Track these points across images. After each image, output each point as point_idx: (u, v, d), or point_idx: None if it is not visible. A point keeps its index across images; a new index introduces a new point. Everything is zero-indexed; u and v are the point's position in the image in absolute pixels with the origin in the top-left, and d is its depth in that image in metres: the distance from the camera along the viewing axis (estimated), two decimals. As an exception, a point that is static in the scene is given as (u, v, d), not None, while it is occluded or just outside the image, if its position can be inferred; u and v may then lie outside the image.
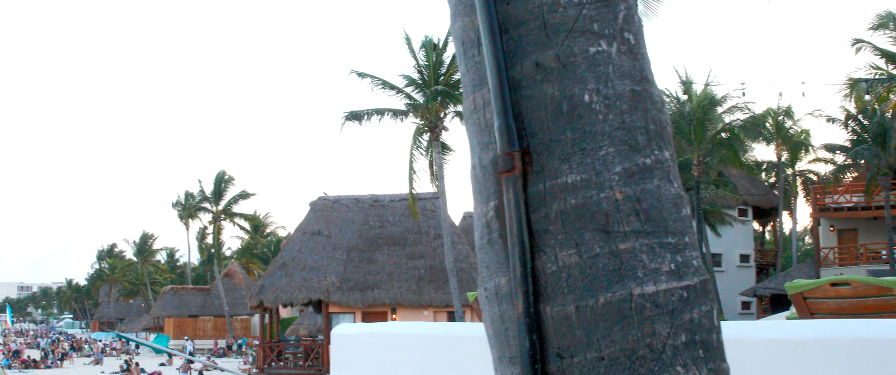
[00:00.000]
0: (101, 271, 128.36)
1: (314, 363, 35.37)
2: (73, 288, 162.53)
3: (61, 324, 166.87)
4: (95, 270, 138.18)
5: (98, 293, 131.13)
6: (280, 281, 35.77)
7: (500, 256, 2.46)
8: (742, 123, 42.22)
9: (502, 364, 2.47)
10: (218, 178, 69.11)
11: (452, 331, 6.01)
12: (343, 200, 39.90)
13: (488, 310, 2.52)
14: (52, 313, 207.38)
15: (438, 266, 35.30)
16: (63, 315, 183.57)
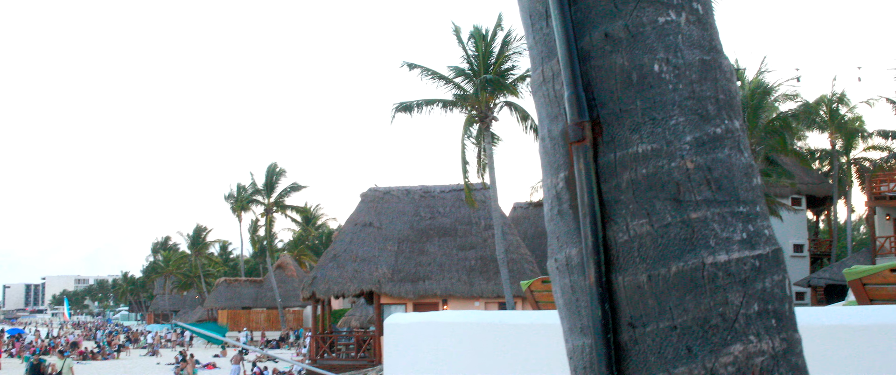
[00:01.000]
0: (156, 264, 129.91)
1: (366, 353, 35.52)
2: (129, 280, 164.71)
3: (117, 316, 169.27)
4: (150, 263, 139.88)
5: (153, 285, 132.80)
6: (332, 273, 35.96)
7: (570, 227, 2.47)
8: (794, 112, 41.69)
9: (574, 335, 2.47)
10: (270, 171, 69.62)
11: (505, 319, 5.99)
12: (394, 191, 40.01)
13: (559, 281, 2.53)
14: (108, 305, 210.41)
15: (489, 256, 35.30)
16: (119, 308, 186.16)
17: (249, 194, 72.21)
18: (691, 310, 2.25)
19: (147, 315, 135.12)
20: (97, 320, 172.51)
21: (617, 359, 2.31)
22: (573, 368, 2.50)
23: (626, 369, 2.30)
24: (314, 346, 37.46)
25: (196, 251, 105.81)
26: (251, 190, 71.85)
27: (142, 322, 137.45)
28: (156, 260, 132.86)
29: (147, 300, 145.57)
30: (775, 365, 2.25)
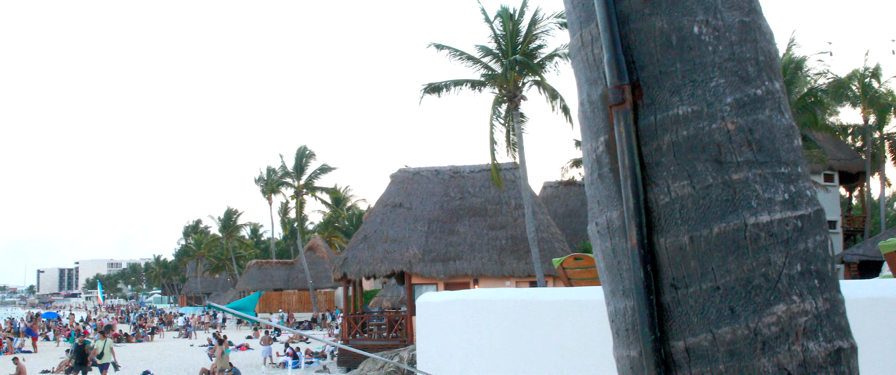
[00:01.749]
0: (188, 247, 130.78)
1: (398, 333, 35.63)
2: (161, 263, 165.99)
3: (150, 299, 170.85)
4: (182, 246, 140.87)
5: (185, 268, 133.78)
6: (363, 254, 36.05)
7: (611, 190, 2.47)
8: (826, 87, 41.29)
9: (615, 297, 2.48)
10: (299, 153, 69.79)
11: (537, 296, 5.99)
12: (423, 172, 40.02)
13: (600, 245, 2.54)
14: (141, 288, 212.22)
15: (520, 236, 35.25)
16: (152, 291, 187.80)
17: (279, 177, 72.44)
18: (734, 271, 2.26)
19: (179, 297, 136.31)
20: (130, 303, 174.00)
21: (659, 320, 2.32)
22: (615, 330, 2.51)
23: (668, 330, 2.31)
24: (346, 327, 37.61)
25: (227, 234, 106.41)
26: (281, 173, 72.06)
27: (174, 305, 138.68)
28: (187, 244, 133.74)
29: (179, 283, 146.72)
30: (818, 325, 2.25)
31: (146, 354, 45.80)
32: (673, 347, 2.31)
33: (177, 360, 43.14)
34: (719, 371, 2.25)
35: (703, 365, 2.27)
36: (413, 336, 34.01)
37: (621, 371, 2.52)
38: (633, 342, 2.39)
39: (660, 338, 2.31)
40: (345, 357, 35.20)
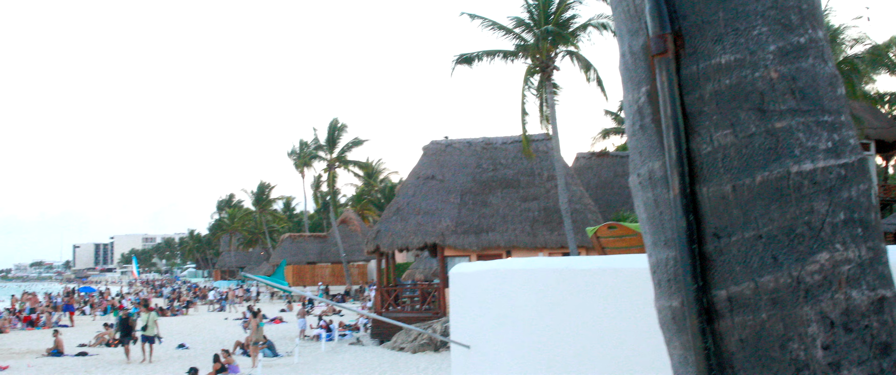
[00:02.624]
0: (221, 221, 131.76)
1: (431, 306, 35.78)
2: (195, 238, 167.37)
3: (185, 274, 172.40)
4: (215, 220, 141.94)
5: (219, 242, 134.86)
6: (395, 226, 36.17)
7: (652, 141, 2.47)
8: (862, 55, 40.74)
9: (657, 248, 2.49)
10: (331, 126, 69.97)
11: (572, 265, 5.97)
12: (455, 144, 40.00)
13: (642, 196, 2.54)
14: (175, 263, 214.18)
15: (552, 207, 35.20)
16: (186, 265, 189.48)
17: (312, 150, 72.69)
18: (777, 220, 2.25)
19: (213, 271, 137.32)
20: (165, 277, 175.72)
21: (702, 270, 2.32)
22: (657, 281, 2.52)
23: (711, 279, 2.32)
24: (379, 299, 37.83)
25: (260, 207, 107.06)
26: (313, 146, 72.30)
27: (209, 279, 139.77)
28: (221, 218, 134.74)
29: (213, 257, 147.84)
30: (861, 274, 2.24)
31: (181, 327, 46.31)
32: (715, 296, 2.31)
33: (211, 333, 43.59)
34: (762, 320, 2.25)
35: (746, 314, 2.27)
36: (446, 308, 34.14)
37: (663, 322, 2.53)
38: (675, 292, 2.40)
39: (702, 287, 2.32)
40: (378, 329, 35.41)
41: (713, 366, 2.30)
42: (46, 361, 32.32)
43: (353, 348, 33.73)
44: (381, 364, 28.08)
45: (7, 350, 36.71)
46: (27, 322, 50.91)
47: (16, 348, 37.66)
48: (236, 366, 26.88)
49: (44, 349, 35.41)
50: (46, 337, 39.37)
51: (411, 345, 31.08)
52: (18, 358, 33.21)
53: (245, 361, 29.53)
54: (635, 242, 13.13)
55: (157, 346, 32.29)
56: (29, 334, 46.23)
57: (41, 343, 38.61)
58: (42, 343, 37.95)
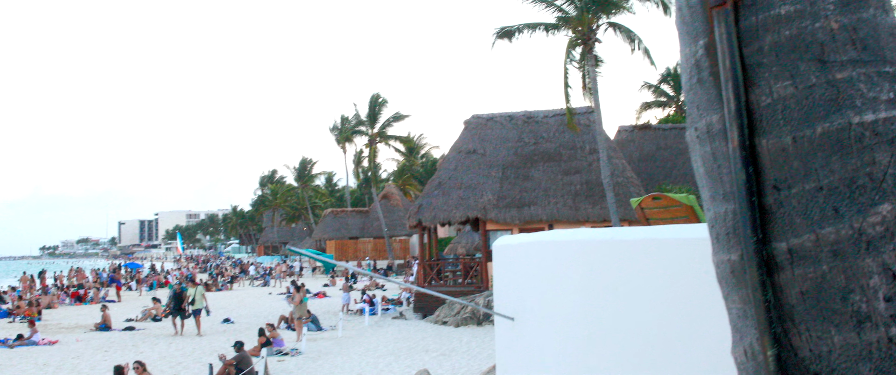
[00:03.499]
0: (264, 197, 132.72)
1: (473, 280, 35.83)
2: (238, 214, 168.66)
3: (228, 249, 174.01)
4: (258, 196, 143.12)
5: (262, 218, 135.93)
6: (437, 200, 36.21)
7: (710, 94, 2.46)
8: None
9: (716, 202, 2.48)
10: (372, 101, 70.03)
11: (617, 236, 5.94)
12: (497, 118, 39.92)
13: (700, 150, 2.53)
14: (219, 239, 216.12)
15: (594, 181, 35.07)
16: (230, 241, 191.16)
17: (353, 125, 72.84)
18: (838, 171, 2.24)
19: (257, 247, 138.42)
20: (209, 253, 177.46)
21: (761, 222, 2.31)
22: (715, 235, 2.51)
23: (770, 231, 2.31)
24: (422, 273, 37.95)
25: (302, 183, 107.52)
26: (354, 122, 72.44)
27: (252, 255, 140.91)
28: (264, 194, 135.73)
29: (256, 232, 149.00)
30: None
31: (226, 302, 46.76)
32: (775, 249, 2.30)
33: (256, 308, 43.98)
34: (823, 272, 2.24)
35: (806, 266, 2.26)
36: (488, 282, 34.20)
37: (721, 277, 2.53)
38: (734, 245, 2.39)
39: (762, 240, 2.31)
40: (421, 303, 35.55)
41: (773, 319, 2.29)
42: (94, 335, 32.82)
43: (396, 322, 33.90)
44: (425, 337, 28.21)
45: (56, 324, 37.31)
46: (75, 298, 51.70)
47: (65, 323, 38.26)
48: (281, 340, 27.13)
49: (92, 323, 35.96)
50: (94, 312, 39.94)
51: (454, 319, 31.18)
52: (68, 333, 33.73)
53: (289, 335, 29.79)
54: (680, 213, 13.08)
55: (203, 320, 32.78)
56: (77, 309, 46.93)
57: (89, 318, 39.20)
58: (90, 318, 38.53)
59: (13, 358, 26.68)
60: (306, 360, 24.53)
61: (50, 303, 47.02)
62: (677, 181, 39.18)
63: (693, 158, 2.61)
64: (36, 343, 29.72)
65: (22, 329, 32.60)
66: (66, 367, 24.56)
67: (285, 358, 24.78)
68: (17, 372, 23.76)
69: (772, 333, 2.29)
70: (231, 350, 23.44)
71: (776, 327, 2.29)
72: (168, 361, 25.07)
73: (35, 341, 29.90)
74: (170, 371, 22.91)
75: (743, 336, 2.43)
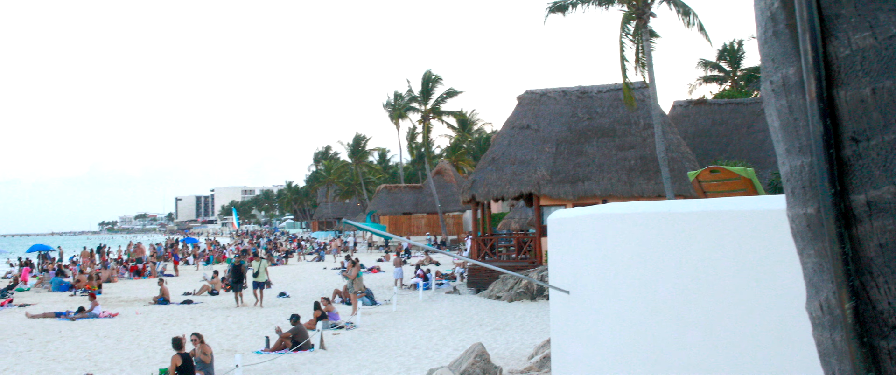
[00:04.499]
0: (318, 173, 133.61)
1: (527, 255, 35.84)
2: (293, 190, 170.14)
3: (283, 225, 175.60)
4: (312, 172, 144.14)
5: (316, 194, 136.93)
6: (491, 176, 36.20)
7: (787, 47, 2.43)
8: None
9: (791, 156, 2.45)
10: (426, 78, 70.06)
11: (675, 208, 5.88)
12: (550, 93, 39.74)
13: (775, 104, 2.50)
14: (274, 215, 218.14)
15: (649, 156, 34.83)
16: (284, 217, 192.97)
17: (406, 102, 72.97)
18: (918, 122, 2.21)
19: (311, 222, 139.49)
20: (264, 229, 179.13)
21: (839, 175, 2.29)
22: (791, 189, 2.49)
23: (848, 184, 2.28)
24: (475, 249, 38.02)
25: (356, 159, 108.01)
26: (408, 98, 72.56)
27: (306, 230, 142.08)
28: (318, 170, 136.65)
29: (311, 208, 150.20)
30: None
31: (282, 277, 47.20)
32: (853, 201, 2.28)
33: (311, 282, 44.36)
34: (902, 224, 2.21)
35: (885, 218, 2.23)
36: (542, 257, 34.17)
37: (797, 231, 2.50)
38: (811, 198, 2.37)
39: (839, 193, 2.29)
40: (474, 278, 35.63)
41: (851, 272, 2.27)
42: (153, 308, 33.32)
43: (449, 296, 34.02)
44: (479, 312, 28.27)
45: (116, 298, 37.93)
46: (134, 272, 52.52)
47: (124, 296, 38.90)
48: (336, 314, 27.35)
49: (150, 297, 36.52)
50: (152, 286, 40.58)
51: (508, 294, 31.21)
52: (127, 306, 34.30)
53: (344, 309, 30.05)
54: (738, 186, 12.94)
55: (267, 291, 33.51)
56: (136, 283, 47.69)
57: (147, 291, 39.81)
58: (148, 292, 39.14)
59: (75, 330, 27.20)
60: (361, 333, 24.73)
61: (110, 277, 47.83)
62: (733, 156, 38.80)
63: (767, 112, 2.58)
64: (97, 316, 30.26)
65: (83, 303, 33.24)
66: (126, 339, 24.98)
67: (340, 332, 25.00)
68: (80, 344, 24.22)
69: (849, 286, 2.26)
70: (287, 323, 23.71)
71: (854, 280, 2.27)
72: (225, 334, 25.40)
73: (96, 313, 30.45)
74: (227, 344, 23.22)
75: (819, 291, 2.41)
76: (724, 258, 5.09)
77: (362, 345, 22.44)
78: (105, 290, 41.21)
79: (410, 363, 19.16)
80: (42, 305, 35.19)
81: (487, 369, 14.60)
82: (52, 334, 26.48)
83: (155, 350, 22.48)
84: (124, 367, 20.16)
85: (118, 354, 22.16)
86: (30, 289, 43.98)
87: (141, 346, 23.52)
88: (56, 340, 25.14)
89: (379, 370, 18.49)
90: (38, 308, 33.91)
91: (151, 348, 23.06)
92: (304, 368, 19.41)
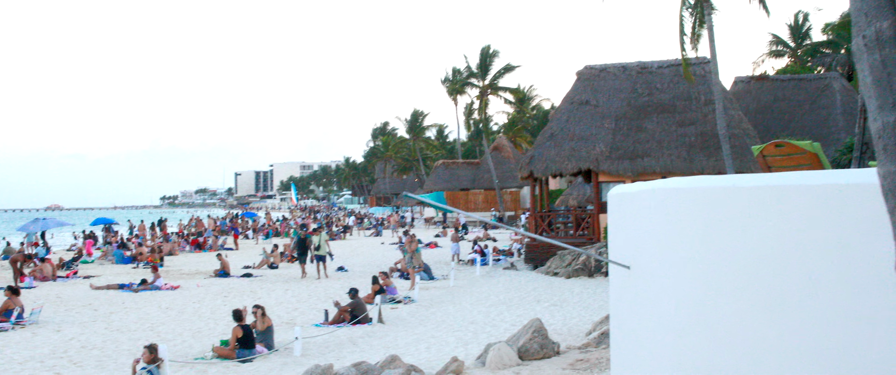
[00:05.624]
0: (376, 148, 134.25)
1: (585, 231, 35.62)
2: (350, 165, 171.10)
3: (341, 200, 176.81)
4: (370, 148, 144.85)
5: (373, 169, 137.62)
6: (549, 152, 35.97)
7: (880, 0, 2.31)
8: None
9: (884, 112, 2.33)
10: (483, 53, 69.87)
11: (739, 182, 5.70)
12: (610, 68, 39.34)
13: (867, 58, 2.38)
14: (332, 190, 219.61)
15: (709, 132, 34.36)
16: (342, 192, 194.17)
17: (464, 77, 72.86)
18: None
19: (369, 198, 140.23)
20: (322, 204, 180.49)
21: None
22: (882, 147, 2.37)
23: None
24: (533, 225, 37.89)
25: (414, 135, 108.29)
26: (466, 74, 72.45)
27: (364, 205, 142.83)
28: (375, 145, 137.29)
29: (368, 184, 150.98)
30: None
31: (340, 251, 47.47)
32: None
33: (369, 257, 44.58)
34: None
35: None
36: (600, 234, 33.95)
37: (888, 189, 2.38)
38: (905, 156, 2.25)
39: (936, 150, 2.17)
40: (532, 254, 35.51)
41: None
42: (214, 281, 33.68)
43: (506, 272, 33.95)
44: (536, 288, 28.18)
45: (177, 271, 38.41)
46: (195, 245, 53.18)
47: (185, 269, 39.38)
48: (394, 288, 27.41)
49: (211, 270, 36.92)
50: (212, 259, 41.01)
51: (565, 270, 31.06)
52: (188, 278, 34.70)
53: (402, 283, 30.11)
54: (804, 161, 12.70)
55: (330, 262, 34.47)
56: (196, 256, 48.29)
57: (208, 264, 40.27)
58: (209, 265, 39.59)
59: (138, 302, 27.57)
60: (419, 308, 24.76)
61: (171, 250, 48.48)
62: (795, 133, 38.19)
63: (859, 68, 2.46)
64: (159, 288, 30.65)
65: (146, 275, 33.70)
66: (188, 310, 25.27)
67: (398, 306, 25.06)
68: (143, 315, 24.54)
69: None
70: (345, 296, 23.79)
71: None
72: (284, 306, 25.58)
73: (158, 286, 30.84)
74: (286, 317, 23.37)
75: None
76: (792, 233, 4.93)
77: (420, 319, 22.48)
78: (166, 263, 41.78)
79: (468, 337, 19.15)
80: (105, 277, 35.75)
81: (545, 344, 14.51)
82: (116, 305, 26.88)
83: (216, 322, 22.71)
84: (186, 338, 20.39)
85: (180, 325, 22.42)
86: (94, 262, 44.72)
87: (202, 318, 23.77)
88: (119, 311, 25.51)
89: (437, 344, 18.50)
90: (102, 279, 34.46)
91: (212, 319, 23.30)
92: (362, 341, 19.48)
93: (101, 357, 18.32)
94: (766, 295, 4.97)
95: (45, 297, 28.57)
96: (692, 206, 5.90)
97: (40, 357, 18.26)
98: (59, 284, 33.92)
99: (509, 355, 13.94)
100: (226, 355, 17.46)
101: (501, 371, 13.43)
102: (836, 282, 4.49)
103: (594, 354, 13.91)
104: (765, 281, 4.99)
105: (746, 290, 5.13)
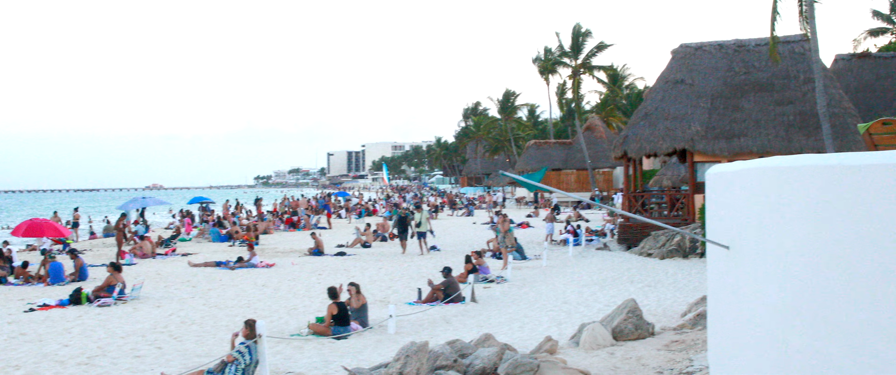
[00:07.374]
0: (467, 128, 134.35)
1: (679, 212, 35.21)
2: (442, 145, 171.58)
3: (432, 180, 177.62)
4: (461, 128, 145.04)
5: (465, 150, 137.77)
6: (643, 131, 35.60)
7: None
8: None
9: None
10: (575, 32, 69.32)
11: (846, 161, 5.58)
12: (706, 47, 38.70)
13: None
14: (423, 170, 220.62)
15: (809, 111, 33.62)
16: (434, 172, 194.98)
17: (556, 56, 72.43)
18: None
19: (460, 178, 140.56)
20: (414, 184, 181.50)
21: None
22: None
23: None
24: (626, 205, 37.58)
25: (505, 115, 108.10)
26: (558, 53, 72.00)
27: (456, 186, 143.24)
28: (467, 125, 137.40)
29: (460, 164, 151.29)
30: None
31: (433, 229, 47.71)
32: None
33: (461, 236, 44.76)
34: None
35: None
36: (694, 215, 33.51)
37: None
38: None
39: None
40: (625, 235, 35.27)
41: None
42: (308, 259, 34.21)
43: (599, 253, 33.79)
44: (629, 268, 27.99)
45: (272, 249, 39.10)
46: (289, 224, 54.02)
47: (280, 247, 40.07)
48: (487, 267, 27.49)
49: (305, 248, 37.49)
50: (306, 238, 41.61)
51: (659, 251, 30.78)
52: (283, 256, 35.31)
53: (495, 263, 30.17)
54: (912, 140, 12.35)
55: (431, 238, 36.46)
56: (291, 235, 49.06)
57: (302, 243, 40.87)
58: (303, 244, 40.18)
59: (235, 278, 28.17)
60: (512, 287, 24.80)
61: (266, 229, 49.30)
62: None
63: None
64: (255, 266, 31.25)
65: (242, 253, 34.41)
66: (283, 288, 25.72)
67: (491, 285, 25.13)
68: (239, 292, 25.06)
69: None
70: (438, 275, 23.96)
71: None
72: (378, 285, 25.85)
73: (254, 263, 31.44)
74: (380, 295, 23.61)
75: None
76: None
77: (513, 299, 22.52)
78: (262, 241, 42.56)
79: (561, 317, 19.13)
80: (202, 255, 36.60)
81: (640, 325, 14.44)
82: (213, 282, 27.50)
83: (311, 299, 23.07)
84: (282, 315, 20.75)
85: (276, 302, 22.83)
86: (191, 239, 45.79)
87: (297, 295, 24.17)
88: (217, 288, 26.08)
89: (530, 323, 18.52)
90: (200, 257, 35.29)
91: (307, 297, 23.67)
92: (455, 320, 19.60)
93: (200, 332, 18.78)
94: (877, 277, 4.89)
95: (145, 274, 29.38)
96: (798, 185, 5.80)
97: (141, 332, 18.78)
98: (159, 261, 34.88)
99: (603, 335, 13.92)
100: (321, 332, 17.73)
101: (595, 350, 13.42)
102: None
103: (690, 335, 13.80)
104: (875, 263, 4.90)
105: (855, 273, 5.05)
